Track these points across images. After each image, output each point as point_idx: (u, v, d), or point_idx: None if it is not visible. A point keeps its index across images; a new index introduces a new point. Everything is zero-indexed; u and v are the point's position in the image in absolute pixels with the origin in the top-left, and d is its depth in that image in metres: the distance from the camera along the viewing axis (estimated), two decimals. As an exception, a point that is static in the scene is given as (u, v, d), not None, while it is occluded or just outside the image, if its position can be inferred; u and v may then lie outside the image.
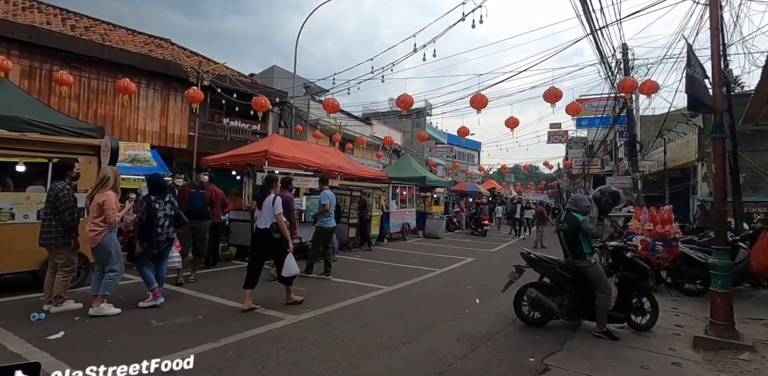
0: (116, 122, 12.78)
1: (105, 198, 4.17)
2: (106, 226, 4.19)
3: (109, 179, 4.32)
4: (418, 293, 5.80)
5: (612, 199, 4.47)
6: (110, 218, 4.17)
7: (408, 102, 9.96)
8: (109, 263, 4.26)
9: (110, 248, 4.26)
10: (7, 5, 12.71)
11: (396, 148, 26.90)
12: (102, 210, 4.16)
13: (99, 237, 4.18)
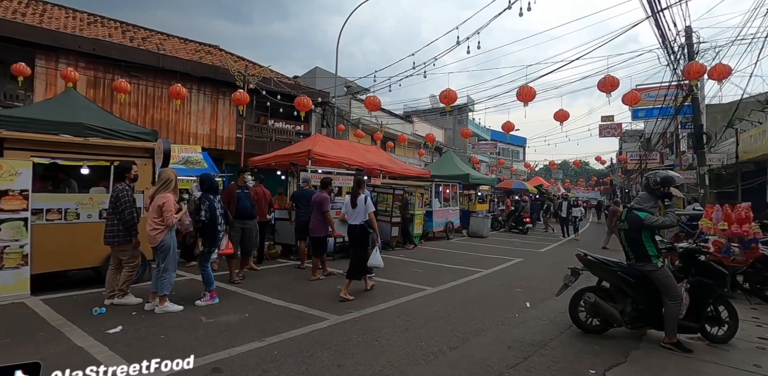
0: (170, 126, 13.51)
1: (165, 200, 4.33)
2: (164, 226, 4.37)
3: (171, 182, 4.49)
4: (464, 294, 5.59)
5: (660, 179, 3.89)
6: (168, 220, 4.34)
7: (451, 97, 9.70)
8: (164, 261, 4.43)
9: (168, 247, 4.42)
10: (74, 21, 13.79)
11: (438, 145, 26.53)
12: (161, 211, 4.33)
13: (159, 236, 4.36)
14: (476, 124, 37.22)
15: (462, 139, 31.28)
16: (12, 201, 4.57)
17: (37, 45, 11.35)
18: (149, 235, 4.39)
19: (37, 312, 4.20)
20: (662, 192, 3.87)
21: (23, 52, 11.10)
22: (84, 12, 15.04)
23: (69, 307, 4.37)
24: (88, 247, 5.11)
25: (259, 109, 16.00)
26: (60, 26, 12.55)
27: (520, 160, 44.84)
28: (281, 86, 15.15)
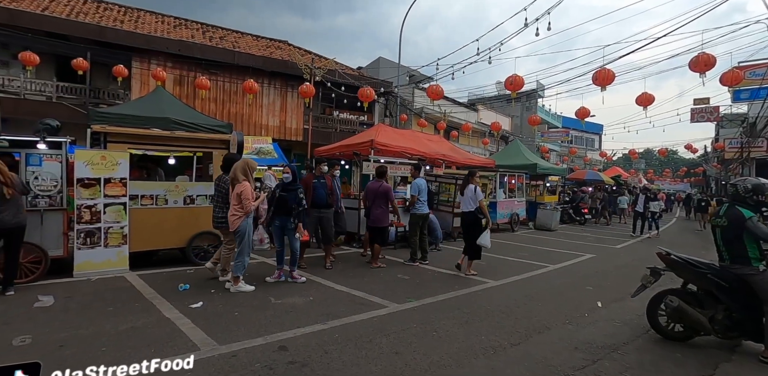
0: (244, 119, 14.43)
1: (242, 188, 4.64)
2: (243, 212, 4.68)
3: (237, 169, 4.78)
4: (528, 289, 5.37)
5: (752, 186, 3.41)
6: (246, 207, 4.64)
7: (518, 83, 9.21)
8: (240, 245, 4.76)
9: (244, 233, 4.73)
10: (163, 25, 15.14)
11: (504, 134, 25.48)
12: (240, 199, 4.66)
13: (237, 222, 4.69)
14: (546, 111, 35.12)
15: (530, 128, 29.70)
16: (114, 188, 5.21)
17: (133, 48, 12.67)
18: (229, 220, 4.75)
19: (134, 285, 4.79)
20: (756, 200, 3.40)
21: (122, 55, 12.46)
22: (171, 16, 16.45)
23: (159, 282, 4.92)
24: (174, 229, 5.69)
25: (324, 101, 16.49)
26: (151, 30, 13.88)
27: (595, 149, 41.62)
28: (345, 78, 15.44)
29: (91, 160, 5.12)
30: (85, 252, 5.05)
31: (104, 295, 4.38)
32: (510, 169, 12.67)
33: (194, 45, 13.73)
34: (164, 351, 3.02)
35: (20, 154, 4.85)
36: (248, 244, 4.81)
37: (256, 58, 14.74)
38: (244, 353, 3.06)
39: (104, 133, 5.53)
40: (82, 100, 12.29)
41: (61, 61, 12.20)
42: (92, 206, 5.10)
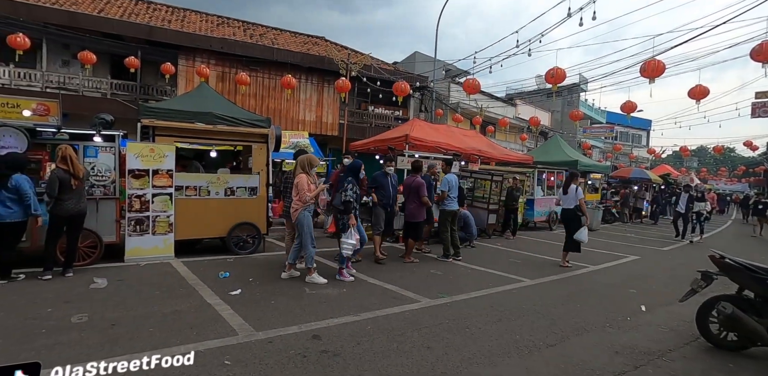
0: (282, 114, 14.77)
1: (298, 180, 4.78)
2: (301, 204, 4.80)
3: (298, 163, 4.94)
4: (566, 290, 5.19)
5: None
6: (303, 197, 4.76)
7: (559, 76, 8.85)
8: (301, 236, 4.87)
9: (303, 224, 4.83)
10: (207, 24, 15.71)
11: (543, 129, 24.64)
12: (297, 190, 4.79)
13: (296, 214, 4.84)
14: (589, 105, 33.59)
15: (571, 123, 28.55)
16: (161, 179, 5.50)
17: (179, 47, 13.25)
18: (291, 212, 4.91)
19: (179, 271, 5.05)
20: None
21: (170, 53, 13.06)
22: (214, 15, 17.05)
23: (201, 269, 5.16)
24: (216, 219, 5.94)
25: (360, 96, 16.59)
26: (196, 29, 14.44)
27: (641, 146, 39.41)
28: (381, 73, 15.43)
29: (141, 152, 5.42)
30: (135, 239, 5.38)
31: (152, 279, 4.65)
32: (549, 166, 12.25)
33: (236, 42, 14.17)
34: (205, 334, 3.18)
35: (79, 146, 5.21)
36: (309, 234, 4.85)
37: (294, 54, 15.02)
38: (279, 340, 3.16)
39: (153, 127, 5.83)
40: (133, 96, 13.02)
41: (115, 59, 12.95)
42: (142, 195, 5.41)
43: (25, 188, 4.28)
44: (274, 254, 6.37)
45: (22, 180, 4.31)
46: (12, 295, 3.94)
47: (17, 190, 4.25)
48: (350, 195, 4.95)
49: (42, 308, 3.61)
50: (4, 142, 4.78)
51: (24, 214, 4.33)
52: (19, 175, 4.33)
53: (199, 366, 2.66)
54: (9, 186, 4.23)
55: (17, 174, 4.31)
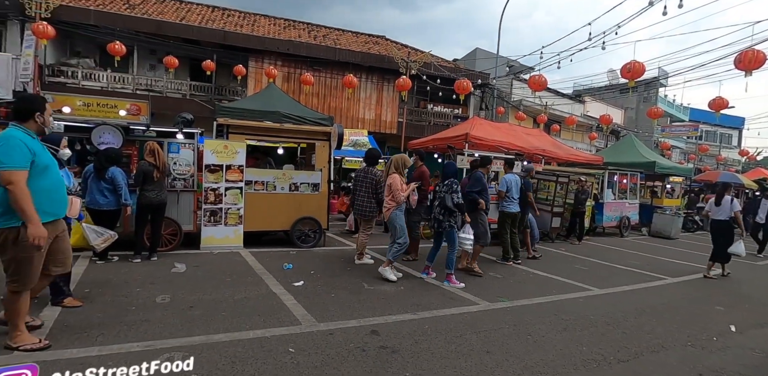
0: (343, 112, 15.14)
1: (392, 180, 4.92)
2: (394, 203, 4.94)
3: (391, 162, 5.10)
4: (640, 302, 4.79)
5: None
6: (397, 197, 4.91)
7: (637, 70, 8.18)
8: (395, 236, 5.02)
9: (396, 223, 4.99)
10: (275, 27, 16.50)
11: (615, 128, 22.96)
12: (390, 190, 4.93)
13: (388, 213, 5.01)
14: (669, 101, 30.70)
15: (648, 121, 26.29)
16: (233, 174, 5.88)
17: (250, 49, 14.06)
18: (384, 212, 5.07)
19: (247, 261, 5.37)
20: None
21: (241, 56, 13.91)
22: (281, 18, 17.87)
23: (267, 260, 5.44)
24: (280, 213, 6.24)
25: (419, 94, 16.54)
26: (265, 32, 15.23)
27: (732, 147, 35.27)
28: (441, 70, 15.26)
29: (216, 148, 5.84)
30: (210, 229, 5.81)
31: (223, 267, 4.99)
32: (621, 168, 11.37)
33: (301, 44, 14.75)
34: (270, 322, 3.35)
35: (163, 142, 5.72)
36: (402, 234, 4.95)
37: (355, 53, 15.32)
38: (339, 332, 3.24)
39: (227, 125, 6.25)
40: (209, 96, 14.05)
41: (194, 63, 14.05)
42: (216, 188, 5.82)
43: (118, 179, 4.79)
44: (334, 249, 6.57)
45: (117, 172, 4.83)
46: (108, 274, 4.43)
47: (112, 181, 4.77)
48: (460, 196, 4.95)
49: (132, 287, 4.03)
50: (103, 139, 5.38)
51: (118, 203, 4.85)
52: (115, 168, 4.85)
53: (266, 352, 2.81)
54: (106, 177, 4.75)
55: (113, 167, 4.83)
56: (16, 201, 2.41)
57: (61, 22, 11.48)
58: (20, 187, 2.41)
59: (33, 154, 2.51)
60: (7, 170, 2.40)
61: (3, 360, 2.49)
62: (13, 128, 2.56)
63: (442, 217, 4.95)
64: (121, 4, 14.15)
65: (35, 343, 2.64)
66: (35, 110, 2.63)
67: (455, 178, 5.08)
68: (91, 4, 13.05)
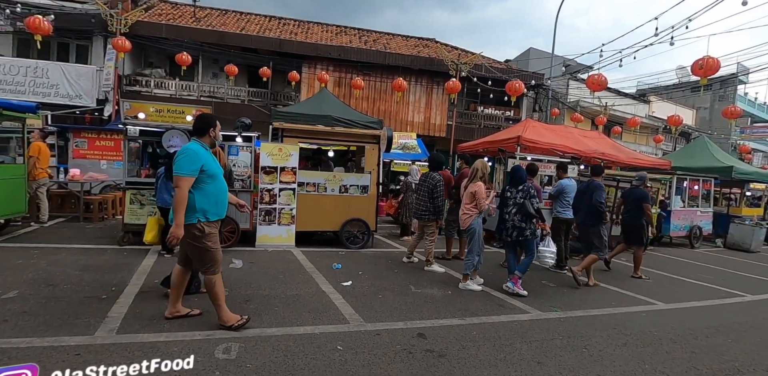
0: (392, 116, 15.25)
1: (476, 188, 4.79)
2: (476, 211, 4.79)
3: (477, 171, 4.94)
4: (713, 320, 4.38)
5: None
6: (481, 206, 4.77)
7: (711, 67, 7.52)
8: (470, 244, 4.86)
9: (474, 231, 4.81)
10: (327, 34, 17.00)
11: (684, 129, 21.19)
12: (474, 198, 4.78)
13: (468, 221, 4.82)
14: (750, 100, 27.81)
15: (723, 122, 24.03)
16: (287, 175, 6.13)
17: (303, 56, 14.60)
18: (461, 218, 4.92)
19: (298, 259, 5.57)
20: None
21: (295, 62, 14.48)
22: (333, 25, 18.38)
23: (317, 259, 5.61)
24: (330, 214, 6.41)
25: (469, 96, 16.29)
26: (318, 39, 15.74)
27: (828, 150, 31.20)
28: (492, 72, 14.93)
29: (272, 151, 6.12)
30: (264, 227, 6.10)
31: (276, 265, 5.22)
32: (692, 173, 10.46)
33: (351, 49, 15.07)
34: (320, 319, 3.45)
35: (224, 145, 6.09)
36: (478, 242, 4.82)
37: (405, 57, 15.40)
38: (386, 333, 3.27)
39: (281, 129, 6.53)
40: (265, 102, 14.75)
41: (251, 70, 14.83)
42: (271, 189, 6.10)
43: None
44: (382, 251, 6.63)
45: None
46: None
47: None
48: (539, 201, 4.81)
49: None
50: (172, 142, 5.83)
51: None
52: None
53: (315, 347, 2.90)
54: (175, 178, 5.14)
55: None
56: (175, 203, 2.88)
57: (137, 36, 12.63)
58: (183, 191, 2.87)
59: (203, 163, 2.96)
60: (179, 176, 2.88)
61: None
62: (193, 142, 3.06)
63: (524, 224, 4.69)
64: (188, 17, 15.27)
65: (239, 320, 3.12)
66: (210, 127, 3.10)
67: (528, 183, 4.88)
68: (162, 19, 14.21)
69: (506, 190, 4.98)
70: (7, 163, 6.56)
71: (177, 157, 2.93)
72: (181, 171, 2.88)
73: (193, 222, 2.95)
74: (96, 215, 7.67)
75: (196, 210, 2.95)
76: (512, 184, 4.93)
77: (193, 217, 2.95)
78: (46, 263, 4.63)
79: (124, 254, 5.30)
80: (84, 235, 6.39)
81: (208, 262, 3.06)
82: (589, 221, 5.58)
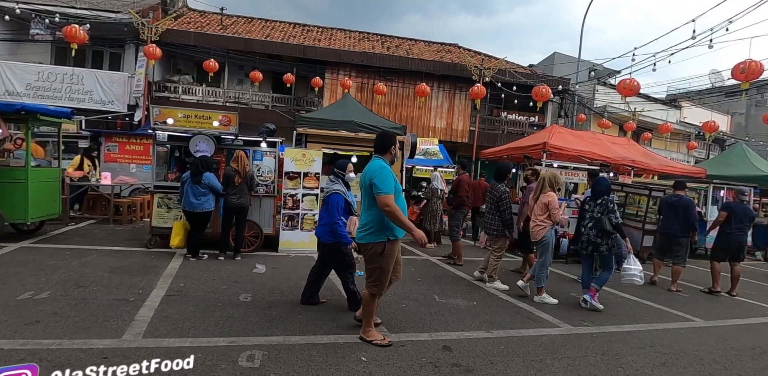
0: (414, 121, 15.20)
1: (550, 198, 4.60)
2: (549, 222, 4.63)
3: (545, 180, 4.77)
4: (758, 340, 4.10)
5: None
6: (556, 217, 4.60)
7: (753, 71, 7.15)
8: (542, 256, 4.70)
9: (548, 243, 4.67)
10: (350, 40, 17.14)
11: (719, 136, 20.35)
12: (547, 209, 4.61)
13: (542, 232, 4.65)
14: (791, 105, 26.49)
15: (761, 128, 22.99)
16: (310, 181, 6.14)
17: (326, 62, 14.75)
18: (533, 230, 4.75)
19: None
20: None
21: (318, 68, 14.64)
22: (356, 31, 18.54)
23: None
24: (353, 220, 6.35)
25: (492, 102, 16.09)
26: (341, 46, 15.88)
27: None
28: (516, 77, 14.72)
29: (295, 157, 6.15)
30: (287, 232, 6.11)
31: (299, 270, 5.19)
32: (729, 181, 9.97)
33: (374, 55, 15.15)
34: (344, 328, 3.40)
35: (249, 151, 6.16)
36: (550, 254, 4.73)
37: (427, 62, 15.36)
38: (411, 345, 3.18)
39: (305, 134, 6.56)
40: (288, 107, 14.95)
41: (275, 76, 15.08)
42: (294, 194, 6.12)
43: (216, 184, 5.25)
44: (404, 258, 6.40)
45: (212, 177, 5.28)
46: (199, 270, 4.84)
47: (209, 185, 5.22)
48: (618, 216, 4.51)
49: (219, 284, 4.34)
50: (199, 147, 5.93)
51: (211, 205, 5.29)
52: (209, 173, 5.31)
53: (339, 358, 2.84)
54: (202, 182, 5.21)
55: (207, 172, 5.29)
56: (397, 218, 2.92)
57: (167, 43, 13.04)
58: (395, 207, 2.92)
59: (395, 180, 3.02)
60: (385, 195, 2.90)
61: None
62: (378, 159, 3.12)
63: (600, 240, 4.52)
64: (215, 25, 15.68)
65: (382, 339, 3.13)
66: (392, 144, 3.17)
67: (609, 196, 4.59)
68: (191, 27, 14.63)
69: (586, 202, 4.87)
70: (43, 167, 6.81)
71: (377, 176, 2.92)
72: (386, 189, 2.90)
73: (382, 240, 3.02)
74: (125, 218, 7.87)
75: (386, 228, 3.02)
76: (593, 196, 4.72)
77: (383, 235, 3.02)
78: (78, 265, 4.74)
79: (151, 256, 5.39)
80: (114, 237, 6.55)
81: (377, 280, 3.10)
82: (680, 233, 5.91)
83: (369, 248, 3.05)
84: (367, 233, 3.04)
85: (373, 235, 3.02)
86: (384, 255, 3.04)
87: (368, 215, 3.05)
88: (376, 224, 3.01)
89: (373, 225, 3.02)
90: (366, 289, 3.15)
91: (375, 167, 3.00)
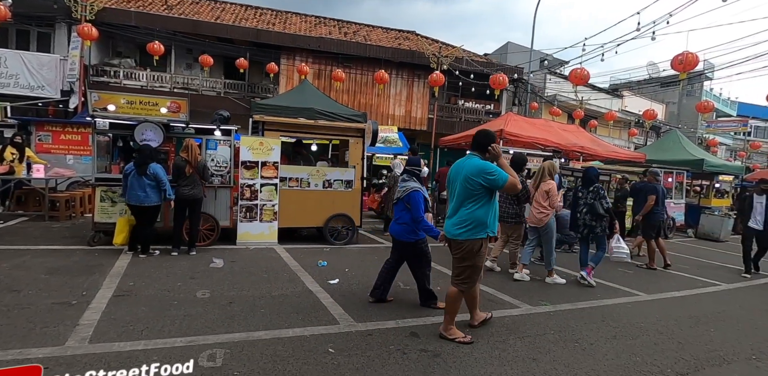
0: (373, 109, 15.07)
1: (550, 186, 4.92)
2: (551, 210, 4.96)
3: (545, 169, 5.08)
4: (694, 310, 4.49)
5: None
6: (555, 203, 4.94)
7: (690, 62, 7.67)
8: (548, 242, 5.05)
9: (552, 229, 5.00)
10: (306, 24, 16.57)
11: (656, 123, 21.86)
12: (548, 196, 4.92)
13: (546, 219, 4.96)
14: (715, 95, 28.94)
15: (691, 116, 24.98)
16: (268, 170, 5.92)
17: (281, 47, 14.19)
18: (536, 217, 5.02)
19: (282, 257, 5.40)
20: None
21: (273, 53, 14.06)
22: (312, 15, 17.93)
23: (302, 256, 5.45)
24: (314, 210, 6.24)
25: (450, 90, 16.27)
26: (296, 30, 15.32)
27: (786, 143, 32.91)
28: (473, 65, 14.93)
29: (252, 145, 5.89)
30: (246, 224, 5.88)
31: (259, 263, 5.03)
32: (665, 166, 10.77)
33: (331, 41, 14.76)
34: (309, 320, 3.33)
35: (201, 140, 5.81)
36: (554, 239, 5.10)
37: (386, 49, 15.19)
38: (378, 333, 3.18)
39: (262, 122, 6.29)
40: (242, 94, 14.30)
41: (227, 61, 14.32)
42: (252, 185, 5.88)
43: (161, 174, 4.90)
44: (367, 246, 6.52)
45: (158, 168, 4.93)
46: (151, 268, 4.55)
47: (155, 177, 4.87)
48: (608, 201, 5.05)
49: (173, 281, 4.11)
50: (145, 136, 5.52)
51: (159, 198, 4.95)
52: (155, 164, 4.96)
53: (306, 351, 2.78)
54: (148, 174, 4.86)
55: (153, 163, 4.94)
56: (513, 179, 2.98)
57: (104, 23, 11.95)
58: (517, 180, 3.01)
59: None
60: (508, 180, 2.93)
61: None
62: (474, 156, 3.10)
63: (594, 223, 5.04)
64: (159, 5, 14.57)
65: (463, 337, 3.11)
66: (491, 142, 3.11)
67: (598, 184, 5.13)
68: (131, 6, 13.50)
69: (578, 190, 5.27)
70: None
71: (492, 173, 2.92)
72: (504, 177, 2.92)
73: (482, 237, 3.01)
74: (63, 214, 7.24)
75: (486, 225, 3.00)
76: (583, 185, 5.18)
77: (483, 232, 3.00)
78: (9, 266, 4.31)
79: (95, 254, 5.00)
80: (50, 235, 6.01)
81: (468, 278, 3.10)
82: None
83: (465, 245, 3.02)
84: (465, 230, 3.00)
85: (471, 231, 2.99)
86: (480, 253, 3.05)
87: (465, 211, 3.00)
88: (475, 220, 2.98)
89: (471, 221, 2.98)
90: (454, 286, 3.14)
91: (485, 166, 2.96)
